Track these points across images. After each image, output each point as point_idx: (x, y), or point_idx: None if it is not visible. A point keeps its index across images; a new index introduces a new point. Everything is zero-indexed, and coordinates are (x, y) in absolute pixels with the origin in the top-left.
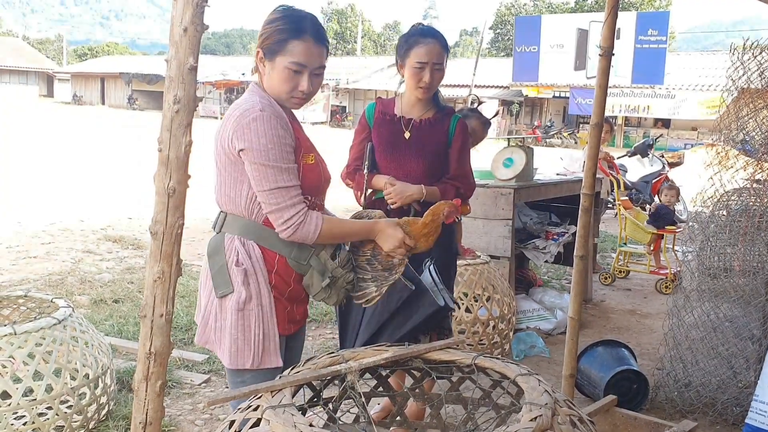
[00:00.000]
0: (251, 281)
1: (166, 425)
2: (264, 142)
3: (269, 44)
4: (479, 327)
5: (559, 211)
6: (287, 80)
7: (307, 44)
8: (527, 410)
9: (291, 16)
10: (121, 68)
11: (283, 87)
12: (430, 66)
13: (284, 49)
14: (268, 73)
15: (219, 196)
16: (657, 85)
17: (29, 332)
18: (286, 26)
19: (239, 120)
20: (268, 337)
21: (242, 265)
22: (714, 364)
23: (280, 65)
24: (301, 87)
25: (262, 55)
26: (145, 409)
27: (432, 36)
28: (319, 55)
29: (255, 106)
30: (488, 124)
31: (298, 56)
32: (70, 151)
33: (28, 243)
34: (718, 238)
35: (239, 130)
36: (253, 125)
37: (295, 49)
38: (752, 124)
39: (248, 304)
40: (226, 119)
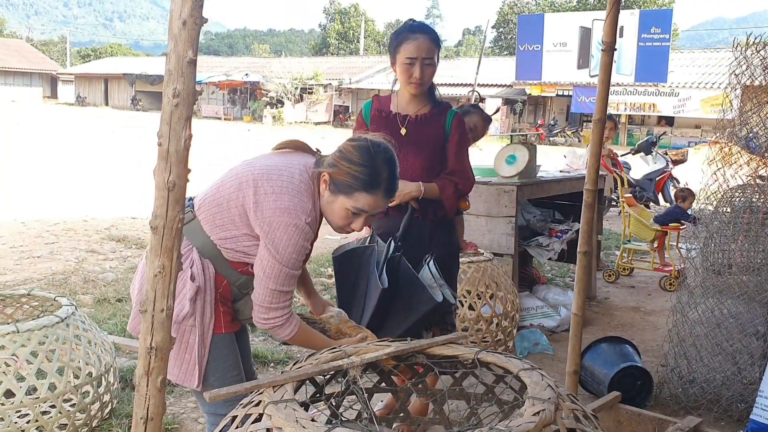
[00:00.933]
0: (198, 299)
1: (169, 423)
2: (290, 251)
3: (338, 181)
4: (483, 324)
5: (562, 209)
6: (343, 218)
7: (376, 198)
8: (530, 405)
9: (370, 167)
10: (124, 69)
11: (336, 220)
12: (420, 61)
13: (351, 194)
14: (326, 199)
15: (205, 204)
16: (660, 83)
17: (32, 330)
18: (361, 176)
19: (281, 215)
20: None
21: (196, 282)
22: (718, 360)
23: (341, 204)
24: (354, 225)
25: (328, 181)
26: (146, 404)
27: (421, 31)
28: (383, 205)
29: (304, 214)
30: (489, 120)
31: (362, 205)
32: (73, 151)
33: (32, 243)
34: (722, 234)
35: (274, 222)
36: (291, 230)
37: (362, 199)
38: (755, 119)
39: (187, 320)
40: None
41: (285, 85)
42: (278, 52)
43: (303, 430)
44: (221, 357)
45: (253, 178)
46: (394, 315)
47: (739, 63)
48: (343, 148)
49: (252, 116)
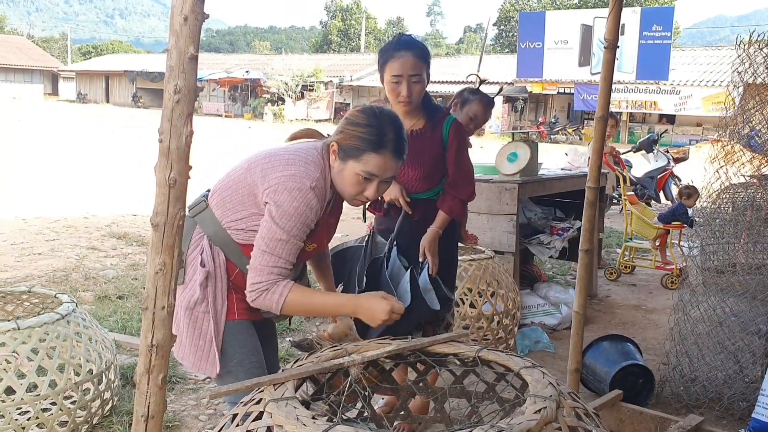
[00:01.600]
0: (210, 284)
1: (170, 420)
2: (291, 212)
3: (345, 146)
4: (483, 322)
5: (563, 207)
6: (354, 185)
7: (384, 158)
8: (532, 402)
9: (375, 127)
10: (125, 66)
11: (347, 189)
12: (406, 79)
13: (359, 157)
14: (337, 168)
15: (216, 191)
16: (662, 81)
17: (33, 327)
18: (367, 137)
19: (286, 180)
20: (209, 344)
21: (206, 267)
22: (720, 358)
23: (351, 170)
24: (366, 193)
25: (337, 150)
26: (147, 402)
27: (406, 48)
28: (393, 168)
29: (309, 179)
30: (491, 104)
31: (371, 167)
32: (74, 148)
33: (33, 240)
34: (724, 232)
35: (280, 186)
36: (295, 193)
37: (371, 161)
38: (758, 117)
39: (199, 306)
40: (276, 159)
41: (286, 83)
42: (279, 50)
43: (303, 428)
44: (238, 343)
45: (261, 157)
46: None
47: (742, 61)
48: (348, 114)
49: (253, 113)
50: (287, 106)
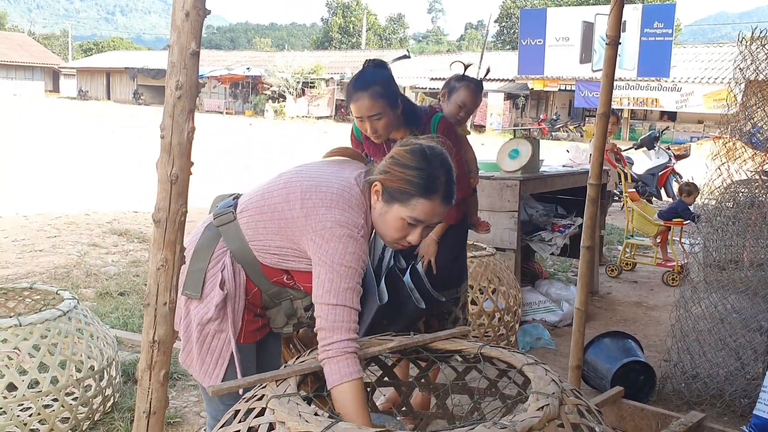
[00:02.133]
0: (228, 306)
1: (171, 417)
2: (349, 259)
3: (392, 188)
4: (485, 319)
5: (565, 203)
6: (397, 230)
7: (434, 204)
8: (534, 399)
9: (426, 170)
10: (126, 63)
11: (389, 233)
12: (367, 120)
13: (406, 202)
14: (379, 210)
15: (248, 209)
16: (663, 78)
17: (34, 324)
18: (417, 180)
19: (333, 227)
20: (216, 361)
21: (225, 290)
22: (722, 355)
23: (395, 214)
24: (409, 238)
25: (381, 191)
26: (148, 398)
27: (361, 89)
28: (441, 213)
29: (356, 228)
30: (479, 87)
31: (418, 213)
32: (75, 145)
33: (34, 236)
34: (726, 229)
35: (327, 233)
36: (346, 240)
37: (419, 207)
38: (760, 114)
39: (211, 324)
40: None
41: (287, 80)
42: (280, 46)
43: (306, 424)
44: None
45: (301, 190)
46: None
47: (744, 57)
48: (395, 153)
49: (254, 110)
50: (288, 103)
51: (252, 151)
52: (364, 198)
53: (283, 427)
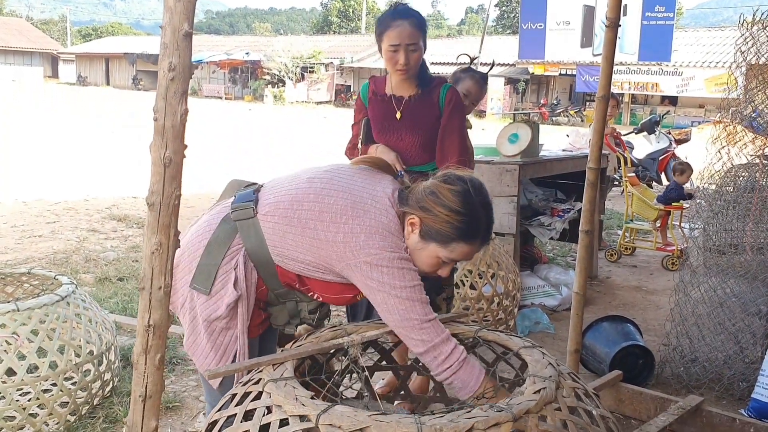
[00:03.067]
0: (241, 306)
1: (170, 401)
2: (409, 278)
3: (432, 228)
4: (484, 304)
5: (564, 188)
6: (431, 266)
7: (473, 248)
8: (531, 383)
9: (471, 216)
10: (125, 49)
11: (422, 267)
12: (404, 48)
13: (446, 244)
14: (414, 244)
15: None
16: (664, 62)
17: (32, 309)
18: (460, 226)
19: (379, 254)
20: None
21: (239, 291)
22: (720, 339)
23: (432, 252)
24: (440, 272)
25: (418, 226)
26: (144, 382)
27: (402, 17)
28: (476, 253)
29: (399, 254)
30: (484, 79)
31: (456, 256)
32: (74, 131)
33: (33, 222)
34: (726, 213)
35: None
36: (398, 263)
37: (457, 250)
38: (761, 97)
39: (220, 321)
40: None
41: (286, 64)
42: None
43: (302, 408)
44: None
45: (335, 211)
46: None
47: (745, 40)
48: (437, 191)
49: (253, 95)
50: (287, 88)
51: (252, 136)
52: (400, 226)
53: (279, 411)
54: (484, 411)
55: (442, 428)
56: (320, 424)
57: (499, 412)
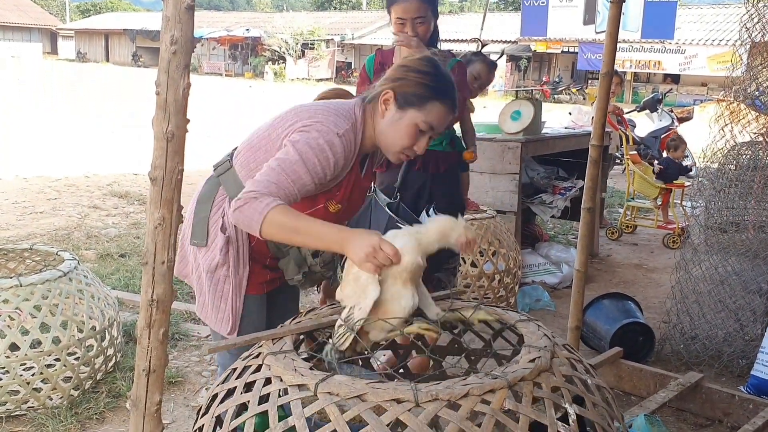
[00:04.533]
0: (231, 249)
1: (173, 376)
2: (312, 143)
3: (407, 93)
4: (485, 281)
5: (566, 166)
6: (410, 137)
7: (445, 109)
8: (526, 352)
9: (441, 75)
10: (125, 25)
11: (400, 141)
12: (411, 21)
13: (423, 105)
14: (390, 119)
15: (241, 152)
16: (667, 39)
17: (35, 284)
18: (434, 84)
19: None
20: (235, 307)
21: (226, 232)
22: (721, 317)
23: (410, 119)
24: (417, 147)
25: (392, 99)
26: (148, 356)
27: None
28: (447, 122)
29: (338, 128)
30: (494, 65)
31: (432, 118)
32: (74, 107)
33: (34, 198)
34: (728, 191)
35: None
36: (323, 130)
37: (434, 110)
38: (765, 74)
39: (220, 269)
40: (303, 111)
41: (287, 41)
42: (280, 7)
43: (301, 377)
44: (249, 321)
45: (287, 112)
46: None
47: (751, 17)
48: (404, 63)
49: (253, 72)
50: (288, 65)
51: (253, 112)
52: (356, 110)
53: (279, 381)
54: (479, 378)
55: (438, 394)
56: (319, 392)
57: (495, 380)
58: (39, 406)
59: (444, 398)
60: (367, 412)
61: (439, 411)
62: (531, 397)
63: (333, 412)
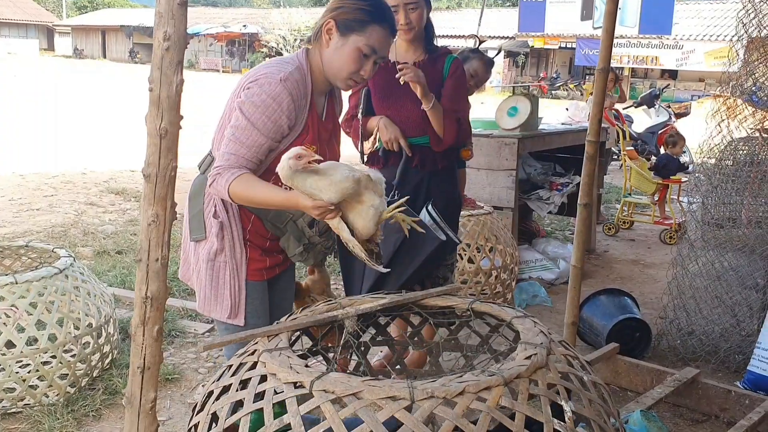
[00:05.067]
0: (225, 234)
1: (169, 373)
2: (257, 102)
3: (348, 19)
4: (482, 277)
5: (563, 162)
6: (355, 61)
7: (385, 32)
8: (522, 349)
9: (377, 0)
10: (121, 21)
11: (346, 66)
12: (403, 7)
13: (363, 30)
14: (334, 46)
15: (215, 139)
16: (665, 35)
17: (30, 281)
18: (371, 9)
19: (257, 77)
20: (234, 292)
21: (219, 218)
22: (717, 312)
23: (352, 44)
24: (363, 71)
25: (334, 27)
26: (142, 353)
27: None
28: (388, 44)
29: (280, 73)
30: (491, 63)
31: (374, 41)
32: (70, 104)
33: (31, 195)
34: (725, 187)
35: (251, 84)
36: (263, 85)
37: (374, 34)
38: (762, 69)
39: (219, 256)
40: (251, 71)
41: (284, 37)
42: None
43: (297, 375)
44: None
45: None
46: (399, 262)
47: (747, 12)
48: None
49: (250, 68)
50: None
51: None
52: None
53: (274, 379)
54: (475, 375)
55: (433, 392)
56: (314, 390)
57: (491, 377)
58: (35, 403)
59: (440, 396)
60: (362, 410)
61: (435, 408)
62: (527, 394)
63: (328, 409)
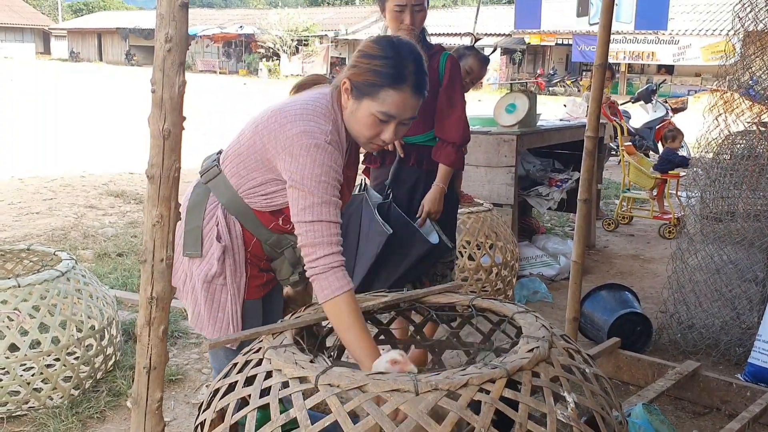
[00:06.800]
0: (227, 257)
1: (173, 374)
2: (318, 173)
3: (360, 82)
4: (482, 274)
5: (562, 158)
6: (370, 127)
7: (404, 95)
8: (525, 343)
9: (393, 59)
10: (117, 23)
11: (362, 131)
12: (410, 8)
13: (376, 95)
14: (351, 109)
15: (228, 157)
16: (661, 30)
17: (33, 285)
18: (385, 70)
19: (300, 138)
20: (232, 314)
21: (222, 242)
22: (717, 306)
23: (366, 110)
24: (383, 136)
25: (349, 88)
26: (148, 354)
27: None
28: (413, 106)
29: (323, 134)
30: (486, 60)
31: (388, 107)
32: (68, 108)
33: (30, 199)
34: (723, 181)
35: (295, 147)
36: (313, 151)
37: (388, 99)
38: (758, 63)
39: (217, 279)
40: (283, 116)
41: (281, 37)
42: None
43: (302, 370)
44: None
45: (267, 116)
46: (388, 262)
47: (744, 6)
48: (361, 46)
49: (247, 69)
50: (282, 61)
51: (249, 109)
52: (334, 104)
53: (279, 374)
54: (478, 368)
55: (437, 384)
56: (319, 384)
57: (494, 369)
58: (40, 406)
59: (443, 388)
60: (367, 403)
61: (439, 400)
62: (530, 387)
63: (334, 403)
